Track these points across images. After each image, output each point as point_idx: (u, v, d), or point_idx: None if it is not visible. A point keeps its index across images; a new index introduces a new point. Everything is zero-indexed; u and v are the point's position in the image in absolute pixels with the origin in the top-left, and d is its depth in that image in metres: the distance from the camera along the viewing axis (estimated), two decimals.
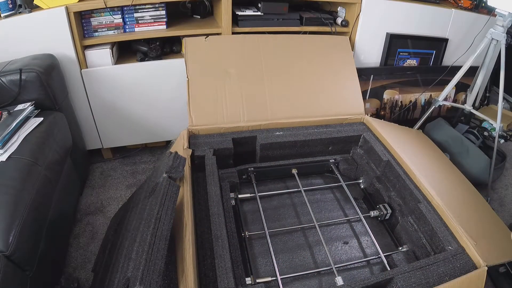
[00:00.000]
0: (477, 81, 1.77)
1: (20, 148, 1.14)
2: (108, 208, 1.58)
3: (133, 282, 0.68)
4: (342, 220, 1.19)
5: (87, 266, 1.30)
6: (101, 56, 1.55)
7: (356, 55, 1.83)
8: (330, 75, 1.53)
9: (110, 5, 1.47)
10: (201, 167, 1.16)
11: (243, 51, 1.48)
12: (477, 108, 2.05)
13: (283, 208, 1.23)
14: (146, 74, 1.64)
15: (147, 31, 1.61)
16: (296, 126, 1.41)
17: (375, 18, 1.76)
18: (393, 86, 1.96)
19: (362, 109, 1.51)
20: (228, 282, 0.78)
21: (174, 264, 0.82)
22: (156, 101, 1.71)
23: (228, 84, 1.40)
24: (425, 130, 1.89)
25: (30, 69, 1.28)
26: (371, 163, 1.32)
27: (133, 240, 0.84)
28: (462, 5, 1.90)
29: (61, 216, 1.28)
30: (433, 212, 1.02)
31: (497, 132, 1.61)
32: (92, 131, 1.72)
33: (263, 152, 1.33)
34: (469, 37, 1.73)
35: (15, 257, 0.91)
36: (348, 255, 1.07)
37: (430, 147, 1.49)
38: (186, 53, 1.41)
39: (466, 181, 1.28)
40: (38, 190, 1.08)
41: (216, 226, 0.91)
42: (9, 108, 1.28)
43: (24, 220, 0.97)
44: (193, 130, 1.31)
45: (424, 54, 1.97)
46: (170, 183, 0.89)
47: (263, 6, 1.65)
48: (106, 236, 1.36)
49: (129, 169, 1.83)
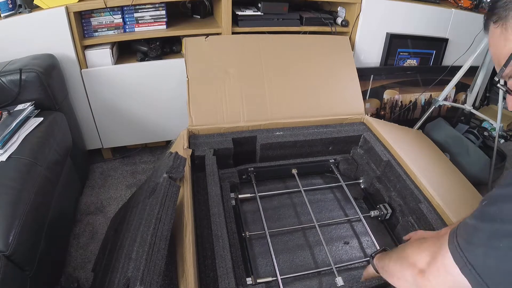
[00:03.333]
0: (477, 81, 1.77)
1: (20, 148, 1.14)
2: (108, 208, 1.58)
3: (134, 282, 0.68)
4: (342, 220, 1.19)
5: (87, 266, 1.30)
6: (101, 56, 1.55)
7: (356, 55, 1.83)
8: (330, 75, 1.53)
9: (110, 5, 1.46)
10: (201, 167, 1.16)
11: (243, 51, 1.48)
12: (477, 108, 2.04)
13: (283, 208, 1.22)
14: (146, 74, 1.64)
15: (147, 31, 1.61)
16: (296, 126, 1.41)
17: (375, 18, 1.76)
18: (393, 86, 1.96)
19: (362, 109, 1.50)
20: (229, 282, 0.78)
21: (174, 264, 0.82)
22: (156, 101, 1.71)
23: (228, 84, 1.40)
24: (425, 130, 1.89)
25: (30, 69, 1.28)
26: (371, 163, 1.32)
27: (133, 240, 0.84)
28: (462, 5, 1.90)
29: (61, 216, 1.28)
30: (433, 212, 1.02)
31: (497, 132, 1.61)
32: (92, 131, 1.72)
33: (263, 152, 1.33)
34: (469, 37, 1.73)
35: (15, 257, 0.91)
36: (349, 255, 1.07)
37: (430, 147, 1.49)
38: (186, 53, 1.41)
39: (466, 181, 1.28)
40: (38, 190, 1.07)
41: (217, 226, 0.91)
42: (9, 108, 1.28)
43: (24, 220, 0.96)
44: (193, 130, 1.31)
45: (424, 54, 1.97)
46: (170, 183, 0.89)
47: (263, 6, 1.65)
48: (106, 236, 1.36)
49: (129, 169, 1.83)
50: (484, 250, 0.47)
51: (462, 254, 0.49)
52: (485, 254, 0.47)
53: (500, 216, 0.46)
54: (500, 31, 0.54)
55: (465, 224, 0.51)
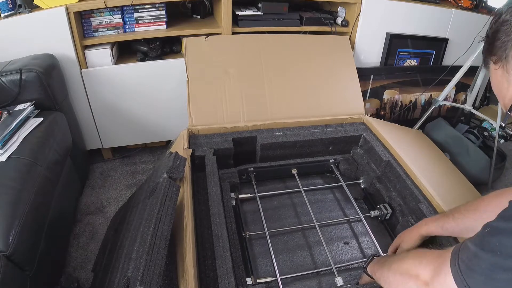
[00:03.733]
0: (477, 81, 1.77)
1: (20, 148, 1.14)
2: (108, 208, 1.58)
3: (134, 282, 0.68)
4: (342, 220, 1.19)
5: (87, 266, 1.30)
6: (101, 56, 1.55)
7: (356, 55, 1.83)
8: (330, 75, 1.53)
9: (110, 5, 1.46)
10: (201, 167, 1.16)
11: (243, 51, 1.48)
12: (477, 108, 2.04)
13: (283, 208, 1.22)
14: (146, 74, 1.64)
15: (147, 31, 1.61)
16: (296, 126, 1.41)
17: (375, 18, 1.76)
18: (393, 86, 1.96)
19: (362, 109, 1.50)
20: (229, 282, 0.78)
21: (174, 264, 0.82)
22: (156, 101, 1.71)
23: (228, 84, 1.40)
24: (425, 130, 1.89)
25: (30, 69, 1.28)
26: (371, 163, 1.32)
27: (134, 240, 0.84)
28: (462, 5, 1.90)
29: (61, 216, 1.28)
30: (433, 213, 1.02)
31: (497, 132, 1.61)
32: (92, 131, 1.72)
33: (263, 152, 1.33)
34: (469, 37, 1.73)
35: (15, 257, 0.91)
36: (349, 255, 1.07)
37: (430, 147, 1.49)
38: (186, 53, 1.41)
39: (466, 181, 1.28)
40: (38, 190, 1.07)
41: (217, 226, 0.91)
42: (9, 108, 1.28)
43: (24, 220, 0.96)
44: (193, 130, 1.31)
45: (424, 54, 1.97)
46: (170, 183, 0.89)
47: (263, 6, 1.65)
48: (106, 236, 1.36)
49: (129, 169, 1.83)
50: (484, 279, 0.48)
51: (463, 278, 0.50)
52: (484, 282, 0.48)
53: (500, 249, 0.47)
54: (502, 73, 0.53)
55: (468, 248, 0.52)
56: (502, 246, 0.47)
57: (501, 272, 0.46)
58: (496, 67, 0.54)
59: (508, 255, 0.46)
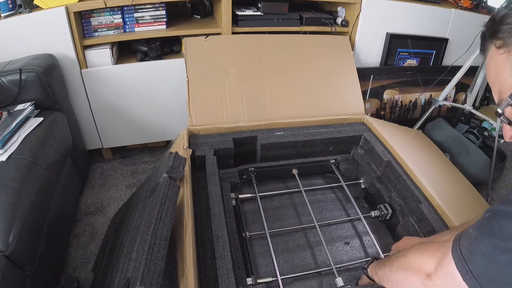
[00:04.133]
0: (477, 81, 1.77)
1: (20, 148, 1.14)
2: (108, 208, 1.58)
3: (134, 282, 0.68)
4: (343, 220, 1.19)
5: (87, 266, 1.30)
6: (101, 56, 1.55)
7: (356, 55, 1.83)
8: (330, 75, 1.53)
9: (110, 5, 1.46)
10: (202, 167, 1.16)
11: (243, 51, 1.47)
12: (477, 108, 2.04)
13: (284, 208, 1.22)
14: (146, 74, 1.64)
15: (147, 31, 1.61)
16: (296, 126, 1.41)
17: (375, 18, 1.76)
18: (393, 86, 1.96)
19: (362, 109, 1.50)
20: (229, 282, 0.78)
21: (174, 264, 0.82)
22: (156, 101, 1.71)
23: (228, 84, 1.40)
24: (425, 130, 1.89)
25: (30, 69, 1.28)
26: (371, 163, 1.32)
27: (134, 240, 0.84)
28: (462, 5, 1.90)
29: (61, 216, 1.28)
30: (434, 213, 1.02)
31: (497, 132, 1.61)
32: (92, 131, 1.72)
33: (264, 152, 1.33)
34: (469, 37, 1.73)
35: (15, 257, 0.91)
36: (349, 256, 1.07)
37: (430, 147, 1.49)
38: (186, 53, 1.41)
39: (466, 181, 1.28)
40: (38, 190, 1.07)
41: (217, 226, 0.91)
42: (9, 108, 1.28)
43: (24, 220, 0.96)
44: (193, 130, 1.31)
45: (424, 54, 1.97)
46: (170, 183, 0.89)
47: (263, 6, 1.65)
48: (106, 236, 1.36)
49: (129, 169, 1.83)
50: (485, 262, 0.48)
51: (464, 263, 0.50)
52: (485, 265, 0.48)
53: (500, 231, 0.47)
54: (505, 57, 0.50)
55: (468, 233, 0.52)
56: (503, 228, 0.47)
57: (501, 254, 0.46)
58: (501, 51, 0.51)
59: (509, 237, 0.46)
